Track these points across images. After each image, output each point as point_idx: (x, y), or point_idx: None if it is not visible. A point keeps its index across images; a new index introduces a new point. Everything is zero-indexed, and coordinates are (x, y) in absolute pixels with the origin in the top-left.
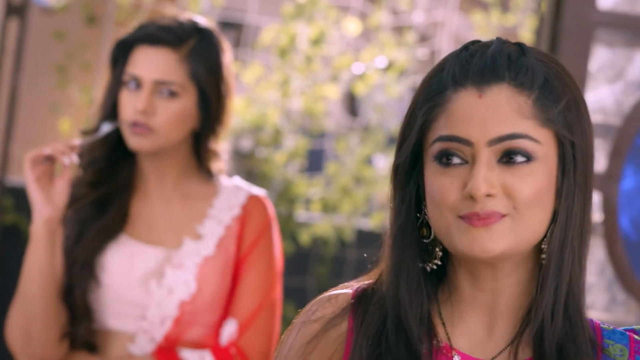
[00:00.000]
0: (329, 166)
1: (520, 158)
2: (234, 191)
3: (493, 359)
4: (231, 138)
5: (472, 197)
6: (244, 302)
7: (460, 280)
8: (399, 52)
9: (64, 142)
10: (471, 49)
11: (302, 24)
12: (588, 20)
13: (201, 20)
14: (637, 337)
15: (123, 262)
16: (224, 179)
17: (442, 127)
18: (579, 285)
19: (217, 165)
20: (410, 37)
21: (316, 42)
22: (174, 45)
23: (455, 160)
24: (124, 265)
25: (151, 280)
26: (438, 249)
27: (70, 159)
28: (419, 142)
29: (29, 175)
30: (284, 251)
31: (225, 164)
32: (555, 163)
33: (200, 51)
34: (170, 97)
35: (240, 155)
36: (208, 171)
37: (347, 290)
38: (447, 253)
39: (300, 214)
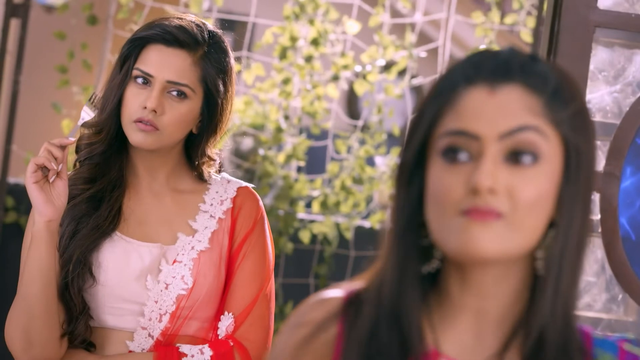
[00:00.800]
0: (330, 166)
1: (527, 159)
2: (224, 185)
3: None
4: (231, 138)
5: (475, 191)
6: (239, 296)
7: (451, 284)
8: (399, 52)
9: (57, 141)
10: (484, 52)
11: (302, 24)
12: (588, 20)
13: (208, 24)
14: (627, 347)
15: (119, 259)
16: (212, 174)
17: (451, 122)
18: (574, 295)
19: (208, 170)
20: (411, 37)
21: (316, 42)
22: (190, 48)
23: (462, 156)
24: (120, 262)
25: (148, 276)
26: (436, 251)
27: (63, 161)
28: (425, 140)
29: (29, 179)
30: (284, 251)
31: (220, 165)
32: (559, 168)
33: (212, 56)
34: (179, 98)
35: (240, 155)
36: (200, 174)
37: (338, 293)
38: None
39: (301, 213)
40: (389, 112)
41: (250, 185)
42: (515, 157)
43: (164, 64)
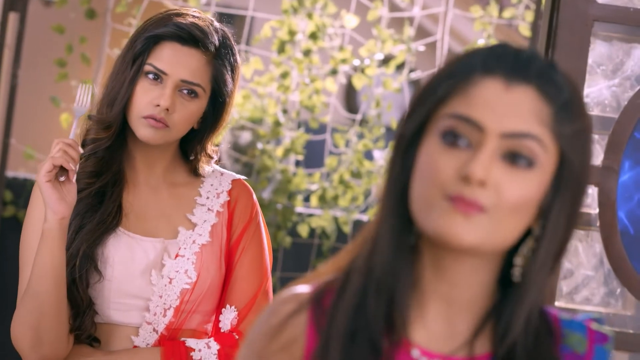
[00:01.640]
0: (328, 160)
1: (522, 162)
2: (218, 177)
3: (451, 352)
4: (230, 132)
5: (466, 179)
6: (241, 289)
7: (424, 269)
8: (397, 46)
9: (72, 141)
10: (506, 47)
11: (301, 17)
12: (586, 14)
13: (216, 22)
14: (595, 326)
15: (124, 255)
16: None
17: (459, 106)
18: (545, 293)
19: (203, 166)
20: (409, 31)
21: (315, 36)
22: (205, 48)
23: (461, 142)
24: (125, 258)
25: (152, 271)
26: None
27: (77, 161)
28: (428, 115)
29: (43, 178)
30: (283, 245)
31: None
32: (549, 179)
33: (223, 55)
34: (190, 96)
35: (239, 149)
36: (195, 168)
37: (305, 288)
38: None
39: (299, 207)
40: (387, 106)
41: (242, 177)
42: (512, 157)
43: (180, 62)
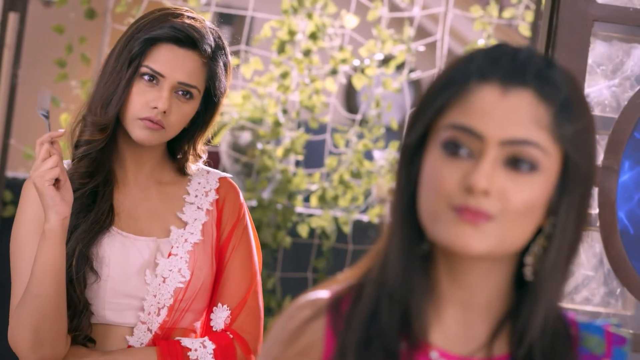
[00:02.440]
0: (328, 160)
1: (525, 167)
2: (204, 175)
3: (470, 354)
4: (230, 132)
5: (469, 190)
6: (233, 288)
7: (439, 275)
8: (397, 46)
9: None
10: (502, 49)
11: (301, 17)
12: (586, 14)
13: (207, 22)
14: (613, 329)
15: (118, 254)
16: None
17: (458, 115)
18: (561, 295)
19: (190, 166)
20: (409, 31)
21: (315, 36)
22: (201, 50)
23: (462, 152)
24: (120, 257)
25: (146, 270)
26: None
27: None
28: (429, 126)
29: (45, 182)
30: (282, 245)
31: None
32: (554, 180)
33: (217, 57)
34: (186, 98)
35: (238, 149)
36: (182, 167)
37: (324, 293)
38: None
39: (299, 207)
40: (387, 106)
41: (228, 175)
42: (514, 163)
43: (177, 64)
